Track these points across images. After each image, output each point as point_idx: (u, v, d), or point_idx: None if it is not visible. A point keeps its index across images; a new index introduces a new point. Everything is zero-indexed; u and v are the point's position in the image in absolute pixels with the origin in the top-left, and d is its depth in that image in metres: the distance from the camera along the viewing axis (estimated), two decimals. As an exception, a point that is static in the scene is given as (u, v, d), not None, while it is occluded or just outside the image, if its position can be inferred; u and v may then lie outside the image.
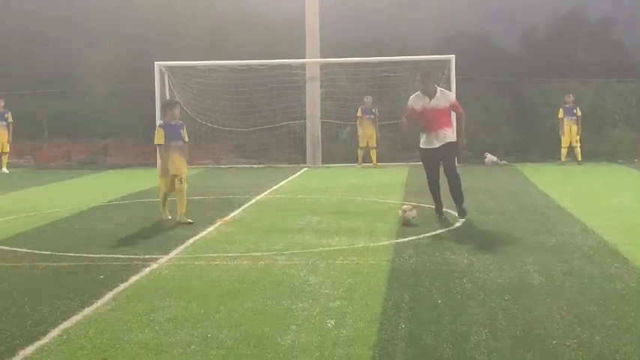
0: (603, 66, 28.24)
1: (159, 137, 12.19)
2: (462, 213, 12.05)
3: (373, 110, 22.96)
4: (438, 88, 12.31)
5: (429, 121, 11.97)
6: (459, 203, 12.15)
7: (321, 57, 24.90)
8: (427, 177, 12.44)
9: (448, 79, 23.68)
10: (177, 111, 12.50)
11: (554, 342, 5.96)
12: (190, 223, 11.87)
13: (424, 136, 12.13)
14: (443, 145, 12.01)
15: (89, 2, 30.72)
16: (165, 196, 12.48)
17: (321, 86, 24.98)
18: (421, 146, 12.26)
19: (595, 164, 22.61)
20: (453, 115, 12.34)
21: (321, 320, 6.65)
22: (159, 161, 13.04)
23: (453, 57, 23.43)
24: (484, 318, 6.60)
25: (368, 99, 23.21)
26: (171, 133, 12.22)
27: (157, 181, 13.31)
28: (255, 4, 29.01)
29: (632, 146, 24.53)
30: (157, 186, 13.11)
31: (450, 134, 12.11)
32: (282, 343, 6.07)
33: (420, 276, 8.18)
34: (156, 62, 24.08)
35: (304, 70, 25.07)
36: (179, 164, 12.32)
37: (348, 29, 29.15)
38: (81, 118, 27.65)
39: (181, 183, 12.23)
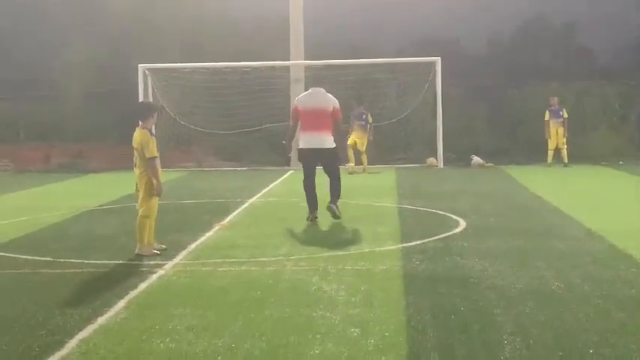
0: (568, 69, 28.45)
1: (154, 147, 9.67)
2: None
3: (364, 117, 22.47)
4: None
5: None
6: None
7: (305, 59, 24.72)
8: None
9: (433, 83, 23.68)
10: (156, 116, 10.20)
11: (590, 351, 5.84)
12: (164, 248, 10.01)
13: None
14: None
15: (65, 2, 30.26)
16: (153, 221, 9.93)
17: (305, 88, 24.75)
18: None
19: (580, 166, 22.65)
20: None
21: (345, 329, 6.48)
22: (140, 178, 9.82)
23: (438, 59, 23.40)
24: (513, 326, 6.46)
25: (358, 106, 22.57)
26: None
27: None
28: (239, 5, 28.76)
29: (616, 148, 24.63)
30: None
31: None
32: (311, 353, 5.90)
33: (435, 282, 8.03)
34: (139, 64, 23.80)
35: (288, 72, 24.89)
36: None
37: (331, 31, 29.02)
38: (58, 121, 27.21)
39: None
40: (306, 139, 12.36)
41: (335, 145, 12.48)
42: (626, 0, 32.31)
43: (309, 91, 12.66)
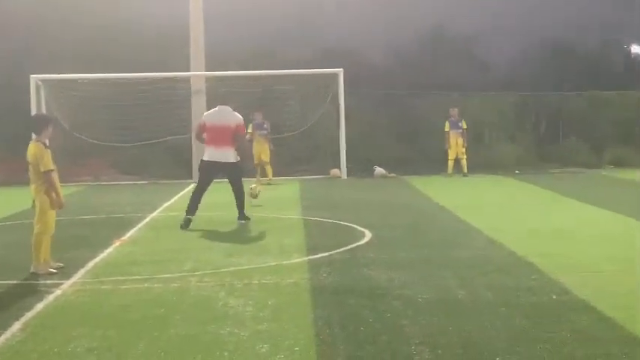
0: (466, 80, 29.12)
1: (49, 160, 9.30)
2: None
3: (265, 125, 22.56)
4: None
5: None
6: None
7: (206, 69, 24.45)
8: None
9: (336, 94, 23.77)
10: (51, 129, 9.86)
11: (497, 359, 5.88)
12: (62, 267, 9.61)
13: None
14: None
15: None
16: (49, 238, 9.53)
17: (207, 100, 24.47)
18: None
19: (479, 176, 23.12)
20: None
21: (254, 345, 6.36)
22: (36, 193, 9.41)
23: (341, 71, 23.52)
24: (421, 336, 6.46)
25: (258, 115, 22.72)
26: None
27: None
28: (139, 14, 28.22)
29: (513, 158, 25.27)
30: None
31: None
32: (219, 371, 5.75)
33: (343, 294, 7.99)
34: (31, 75, 23.07)
35: (189, 84, 24.56)
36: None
37: (233, 41, 28.83)
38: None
39: None
40: (210, 153, 13.32)
41: (237, 160, 13.52)
42: (523, 14, 33.32)
43: (217, 108, 13.57)
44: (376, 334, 6.56)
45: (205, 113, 13.87)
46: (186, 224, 12.91)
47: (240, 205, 13.54)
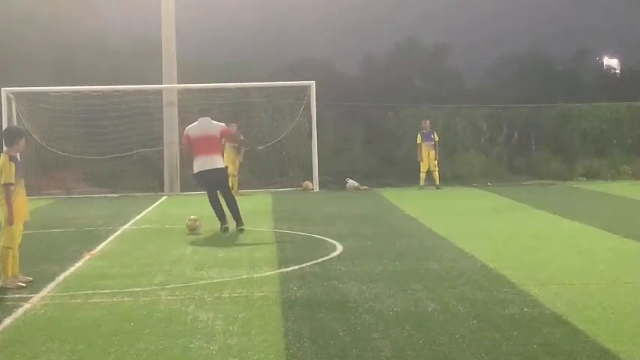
0: (438, 92, 29.28)
1: (10, 173, 9.23)
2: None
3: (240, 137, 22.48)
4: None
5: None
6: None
7: (178, 82, 24.36)
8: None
9: (308, 106, 23.77)
10: (23, 142, 9.83)
11: (468, 372, 5.88)
12: (31, 281, 9.50)
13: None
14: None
15: None
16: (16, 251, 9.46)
17: (179, 112, 24.38)
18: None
19: (451, 188, 23.20)
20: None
21: (223, 359, 6.31)
22: (1, 206, 9.35)
23: (313, 83, 23.54)
24: (391, 350, 6.45)
25: (232, 126, 22.62)
26: (20, 168, 9.61)
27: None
28: (108, 28, 28.15)
29: (485, 169, 25.39)
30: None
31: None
32: (188, 386, 5.69)
33: (314, 307, 7.95)
34: (3, 88, 22.88)
35: (161, 96, 24.46)
36: (26, 207, 9.75)
37: (206, 54, 28.81)
38: None
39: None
40: (199, 164, 13.94)
41: (225, 166, 14.53)
42: (495, 27, 33.62)
43: (197, 122, 14.20)
44: (346, 347, 6.54)
45: (188, 127, 14.37)
46: (224, 231, 13.71)
47: (235, 213, 13.91)
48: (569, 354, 6.26)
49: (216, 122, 14.34)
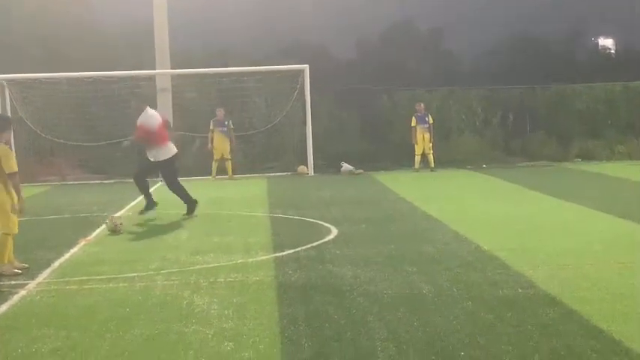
0: (433, 74, 29.18)
1: (14, 162, 9.17)
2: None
3: (226, 123, 22.54)
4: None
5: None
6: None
7: (172, 67, 24.29)
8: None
9: (302, 90, 23.73)
10: (10, 133, 9.86)
11: (461, 354, 5.91)
12: (27, 267, 9.53)
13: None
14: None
15: None
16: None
17: (172, 97, 24.32)
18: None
19: (446, 171, 23.21)
20: None
21: (219, 343, 6.35)
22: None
23: (306, 67, 23.49)
24: (386, 332, 6.48)
25: (220, 112, 22.77)
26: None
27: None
28: (103, 12, 27.99)
29: (480, 152, 25.38)
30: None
31: None
32: (183, 371, 5.72)
33: (309, 291, 7.98)
34: (-4, 74, 22.82)
35: (155, 82, 24.39)
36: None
37: (198, 38, 28.71)
38: None
39: None
40: (170, 148, 14.53)
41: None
42: (489, 7, 33.50)
43: (152, 111, 14.88)
44: (341, 330, 6.57)
45: (150, 118, 14.49)
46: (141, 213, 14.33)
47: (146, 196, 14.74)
48: (563, 334, 6.29)
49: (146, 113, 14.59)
